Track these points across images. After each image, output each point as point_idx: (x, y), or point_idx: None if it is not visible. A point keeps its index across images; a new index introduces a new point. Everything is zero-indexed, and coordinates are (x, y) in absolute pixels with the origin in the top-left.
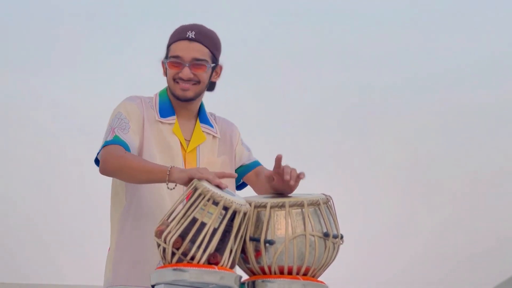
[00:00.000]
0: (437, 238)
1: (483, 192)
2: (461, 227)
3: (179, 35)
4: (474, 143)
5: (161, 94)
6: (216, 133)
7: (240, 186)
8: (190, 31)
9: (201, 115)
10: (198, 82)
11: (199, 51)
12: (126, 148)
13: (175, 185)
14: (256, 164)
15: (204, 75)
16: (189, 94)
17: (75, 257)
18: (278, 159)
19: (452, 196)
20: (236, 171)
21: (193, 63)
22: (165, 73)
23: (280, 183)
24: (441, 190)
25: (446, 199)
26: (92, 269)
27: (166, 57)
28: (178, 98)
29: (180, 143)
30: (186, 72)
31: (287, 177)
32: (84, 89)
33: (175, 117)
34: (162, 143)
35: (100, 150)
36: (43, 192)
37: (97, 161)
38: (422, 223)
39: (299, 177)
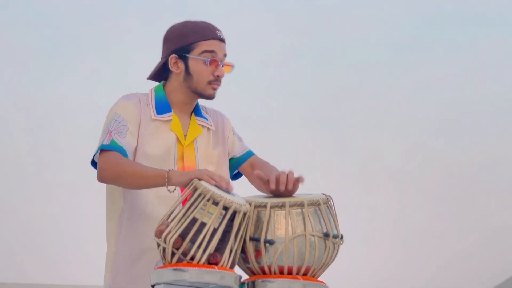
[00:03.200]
0: (432, 238)
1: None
2: (459, 225)
3: (210, 33)
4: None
5: (156, 90)
6: (211, 125)
7: (235, 176)
8: (218, 31)
9: (195, 109)
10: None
11: (225, 49)
12: (123, 153)
13: (175, 188)
14: (249, 154)
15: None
16: (216, 93)
17: (75, 257)
18: (259, 177)
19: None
20: (229, 162)
21: (224, 63)
22: (176, 68)
23: (277, 190)
24: (441, 192)
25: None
26: (93, 269)
27: (187, 51)
28: (206, 97)
29: (178, 138)
30: (222, 70)
31: (281, 187)
32: (86, 89)
33: (171, 113)
34: (157, 142)
35: (97, 152)
36: (43, 191)
37: (93, 163)
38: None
39: (298, 181)
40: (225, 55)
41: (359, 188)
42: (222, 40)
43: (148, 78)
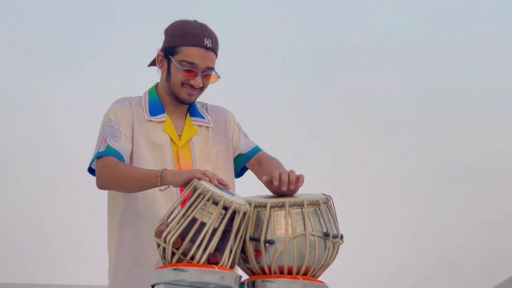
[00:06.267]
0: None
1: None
2: (456, 224)
3: (196, 41)
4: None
5: (150, 92)
6: (209, 123)
7: (241, 171)
8: (207, 39)
9: (191, 109)
10: (202, 88)
11: (212, 60)
12: (119, 156)
13: (167, 186)
14: (255, 150)
15: (209, 83)
16: (193, 99)
17: (79, 257)
18: (267, 182)
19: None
20: (235, 159)
21: (205, 73)
22: (160, 65)
23: (279, 189)
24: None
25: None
26: (93, 269)
27: (171, 54)
28: (181, 101)
29: (172, 139)
30: (199, 81)
31: (283, 188)
32: (88, 90)
33: (165, 114)
34: (152, 143)
35: (93, 160)
36: (46, 191)
37: (90, 170)
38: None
39: (298, 179)
40: (209, 67)
41: (357, 188)
42: (209, 49)
43: (148, 65)
